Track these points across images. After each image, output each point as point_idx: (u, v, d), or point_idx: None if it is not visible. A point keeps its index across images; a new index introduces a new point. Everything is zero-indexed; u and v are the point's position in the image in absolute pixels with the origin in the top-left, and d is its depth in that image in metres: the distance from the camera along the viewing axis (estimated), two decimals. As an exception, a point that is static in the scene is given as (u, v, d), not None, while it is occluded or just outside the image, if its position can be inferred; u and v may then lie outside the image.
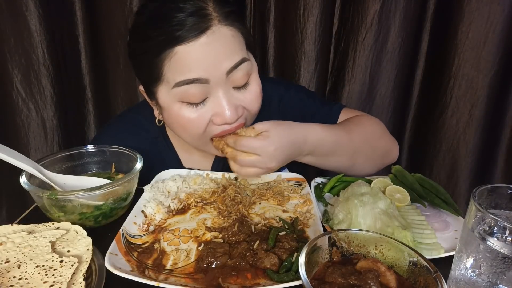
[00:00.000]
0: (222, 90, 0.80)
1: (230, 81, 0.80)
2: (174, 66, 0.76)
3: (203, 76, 0.76)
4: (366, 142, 0.92)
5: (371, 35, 1.43)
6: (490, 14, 1.35)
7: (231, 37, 0.78)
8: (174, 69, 0.76)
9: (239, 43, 0.80)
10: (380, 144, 0.96)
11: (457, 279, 0.55)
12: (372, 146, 0.94)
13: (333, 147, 0.87)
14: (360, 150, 0.90)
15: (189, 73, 0.76)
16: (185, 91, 0.78)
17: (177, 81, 0.77)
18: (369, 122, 0.98)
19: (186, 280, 0.60)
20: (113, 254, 0.63)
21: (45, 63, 1.35)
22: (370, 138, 0.94)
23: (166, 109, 0.84)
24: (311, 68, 1.47)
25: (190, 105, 0.80)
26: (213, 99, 0.80)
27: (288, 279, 0.58)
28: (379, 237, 0.57)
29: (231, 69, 0.78)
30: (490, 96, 1.46)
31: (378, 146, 0.95)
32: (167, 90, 0.80)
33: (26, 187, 0.72)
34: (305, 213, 0.79)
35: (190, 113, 0.81)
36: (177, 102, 0.81)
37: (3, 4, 1.28)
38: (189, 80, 0.76)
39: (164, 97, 0.82)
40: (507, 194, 0.56)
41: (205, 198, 0.86)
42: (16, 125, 1.42)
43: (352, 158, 0.89)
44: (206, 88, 0.78)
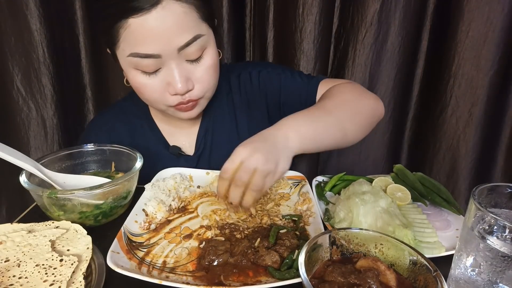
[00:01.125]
0: (174, 63, 0.83)
1: (183, 55, 0.83)
2: (128, 38, 0.79)
3: (154, 52, 0.79)
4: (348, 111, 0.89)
5: (371, 34, 1.43)
6: (490, 13, 1.35)
7: (182, 14, 0.79)
8: (128, 40, 0.79)
9: (192, 19, 0.81)
10: (363, 106, 0.93)
11: (457, 278, 0.55)
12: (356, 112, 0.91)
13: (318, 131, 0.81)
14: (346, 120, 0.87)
15: (142, 47, 0.79)
16: (138, 62, 0.81)
17: (131, 52, 0.80)
18: (344, 89, 0.96)
19: (187, 278, 0.60)
20: (115, 252, 0.63)
21: (45, 62, 1.35)
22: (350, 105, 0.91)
23: (125, 72, 0.88)
24: (310, 67, 1.47)
25: (144, 73, 0.84)
26: (166, 69, 0.84)
27: (289, 277, 0.58)
28: (379, 236, 0.57)
29: (182, 46, 0.81)
30: (490, 95, 1.46)
31: (361, 109, 0.93)
32: (123, 56, 0.83)
33: (26, 186, 0.72)
34: (305, 211, 0.80)
35: (145, 80, 0.85)
36: (133, 69, 0.84)
37: (3, 3, 1.28)
38: (142, 55, 0.80)
39: (122, 61, 0.86)
40: (506, 193, 0.56)
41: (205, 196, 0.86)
42: (16, 124, 1.42)
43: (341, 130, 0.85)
44: (159, 61, 0.81)
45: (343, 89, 0.96)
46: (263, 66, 1.08)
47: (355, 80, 1.51)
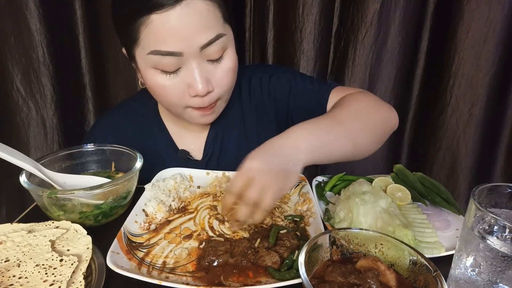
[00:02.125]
0: (195, 62, 0.81)
1: (204, 54, 0.81)
2: (150, 35, 0.77)
3: (176, 50, 0.78)
4: (360, 123, 0.86)
5: (371, 34, 1.43)
6: (489, 13, 1.36)
7: (206, 11, 0.78)
8: (149, 37, 0.78)
9: (215, 18, 0.80)
10: (376, 117, 0.90)
11: (457, 278, 0.55)
12: (368, 123, 0.87)
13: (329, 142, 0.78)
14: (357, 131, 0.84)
15: (164, 45, 0.77)
16: (159, 60, 0.80)
17: (152, 49, 0.78)
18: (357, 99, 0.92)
19: (187, 279, 0.60)
20: (115, 253, 0.63)
21: (45, 62, 1.35)
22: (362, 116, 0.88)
23: (143, 72, 0.86)
24: (310, 67, 1.47)
25: (164, 73, 0.82)
26: (186, 69, 0.82)
27: (289, 277, 0.58)
28: (379, 236, 0.57)
29: (205, 45, 0.79)
30: (490, 95, 1.46)
31: (374, 120, 0.89)
32: (143, 55, 0.81)
33: (26, 186, 0.72)
34: (306, 211, 0.80)
35: (164, 80, 0.83)
36: (152, 68, 0.82)
37: (3, 3, 1.28)
38: (164, 52, 0.78)
39: (140, 61, 0.84)
40: (506, 193, 0.56)
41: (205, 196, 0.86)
42: (16, 124, 1.42)
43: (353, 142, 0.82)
44: (180, 59, 0.80)
45: (356, 98, 0.93)
46: (274, 71, 1.06)
47: (355, 80, 1.51)
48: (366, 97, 0.94)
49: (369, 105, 0.92)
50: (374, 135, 0.88)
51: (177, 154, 1.02)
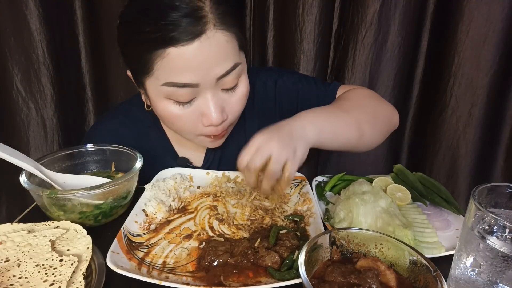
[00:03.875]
0: (210, 93, 0.80)
1: (220, 84, 0.80)
2: (165, 66, 0.75)
3: (193, 82, 0.76)
4: (366, 113, 0.88)
5: (371, 34, 1.43)
6: (490, 13, 1.35)
7: (225, 42, 0.77)
8: (164, 69, 0.76)
9: (233, 48, 0.79)
10: (380, 110, 0.92)
11: (457, 278, 0.55)
12: (373, 114, 0.90)
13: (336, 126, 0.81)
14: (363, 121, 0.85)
15: (180, 77, 0.76)
16: (174, 92, 0.78)
17: (167, 81, 0.77)
18: (362, 93, 0.96)
19: (187, 279, 0.60)
20: (115, 253, 0.63)
21: (45, 62, 1.35)
22: (367, 107, 0.91)
23: (153, 101, 0.84)
24: (310, 67, 1.47)
25: (177, 103, 0.81)
26: (201, 99, 0.81)
27: (289, 277, 0.58)
28: (379, 236, 0.57)
29: (222, 75, 0.78)
30: (490, 95, 1.46)
31: (378, 113, 0.92)
32: (156, 85, 0.79)
33: (26, 186, 0.72)
34: (306, 211, 0.80)
35: (177, 110, 0.82)
36: (165, 99, 0.81)
37: (3, 3, 1.28)
38: (180, 84, 0.76)
39: (152, 90, 0.82)
40: (506, 193, 0.56)
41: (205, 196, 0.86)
42: (16, 124, 1.42)
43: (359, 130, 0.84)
44: (195, 90, 0.79)
45: (361, 92, 0.95)
46: (278, 75, 1.06)
47: (355, 80, 1.51)
48: (371, 93, 0.96)
49: (373, 99, 0.94)
50: (378, 128, 0.91)
51: (176, 162, 1.01)
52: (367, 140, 0.88)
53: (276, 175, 0.68)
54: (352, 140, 0.84)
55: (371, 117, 0.89)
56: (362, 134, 0.84)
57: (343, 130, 0.81)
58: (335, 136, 0.80)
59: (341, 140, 0.82)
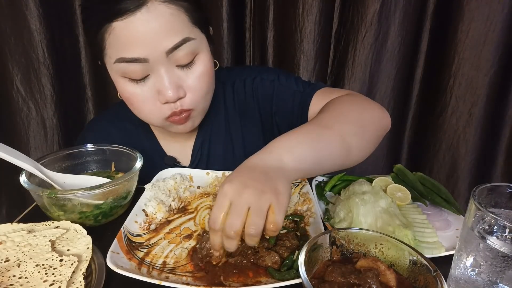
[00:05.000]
0: (163, 69, 0.79)
1: (173, 60, 0.80)
2: (113, 42, 0.77)
3: (141, 56, 0.76)
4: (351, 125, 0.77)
5: (371, 34, 1.43)
6: (490, 13, 1.36)
7: (169, 15, 0.76)
8: (113, 45, 0.77)
9: (181, 22, 0.78)
10: (366, 117, 0.83)
11: (457, 278, 0.55)
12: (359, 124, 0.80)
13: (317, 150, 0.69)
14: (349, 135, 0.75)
15: (127, 52, 0.76)
16: (125, 68, 0.78)
17: (117, 57, 0.77)
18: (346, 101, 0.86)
19: (187, 279, 0.60)
20: (115, 253, 0.63)
21: (45, 62, 1.36)
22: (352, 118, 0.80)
23: (114, 82, 0.85)
24: (310, 67, 1.47)
25: (132, 81, 0.81)
26: (155, 76, 0.81)
27: (289, 277, 0.58)
28: (379, 236, 0.57)
29: (170, 49, 0.78)
30: (490, 95, 1.46)
31: (364, 121, 0.82)
32: (110, 64, 0.80)
33: (26, 186, 0.72)
34: (306, 211, 0.80)
35: (133, 89, 0.82)
36: (120, 77, 0.82)
37: (3, 3, 1.28)
38: (128, 59, 0.77)
39: (109, 70, 0.83)
40: (506, 193, 0.56)
41: (205, 196, 0.86)
42: (16, 124, 1.42)
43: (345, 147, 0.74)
44: (147, 66, 0.78)
45: (343, 100, 0.86)
46: (258, 72, 1.02)
47: (355, 80, 1.51)
48: (354, 98, 0.88)
49: (357, 105, 0.85)
50: (367, 137, 0.81)
51: (164, 161, 1.01)
52: (356, 154, 0.78)
53: (259, 228, 0.55)
54: (339, 161, 0.74)
55: (357, 127, 0.79)
56: (348, 150, 0.75)
57: (327, 153, 0.70)
58: (318, 162, 0.68)
59: (327, 165, 0.72)
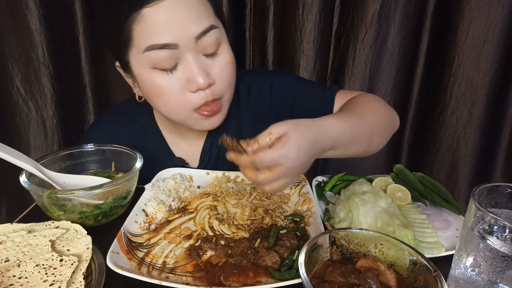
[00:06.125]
0: (192, 56, 0.80)
1: (200, 47, 0.81)
2: (143, 30, 0.77)
3: (172, 41, 0.77)
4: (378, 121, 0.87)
5: (371, 34, 1.43)
6: (490, 13, 1.36)
7: (197, 2, 0.79)
8: (142, 33, 0.77)
9: (206, 9, 0.81)
10: (387, 118, 0.93)
11: (457, 278, 0.55)
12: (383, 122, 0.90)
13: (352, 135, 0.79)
14: (375, 130, 0.85)
15: (158, 38, 0.77)
16: (155, 56, 0.79)
17: (147, 45, 0.78)
18: (373, 99, 0.95)
19: (187, 279, 0.60)
20: (115, 253, 0.63)
21: (45, 62, 1.35)
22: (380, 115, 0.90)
23: (139, 77, 0.84)
24: (310, 67, 1.47)
25: (162, 72, 0.81)
26: (184, 64, 0.81)
27: (289, 277, 0.58)
28: (379, 236, 0.57)
29: (199, 34, 0.79)
30: (490, 95, 1.46)
31: (386, 121, 0.92)
32: (138, 55, 0.80)
33: (26, 186, 0.72)
34: (306, 211, 0.80)
35: (163, 79, 0.82)
36: (149, 69, 0.81)
37: (3, 3, 1.28)
38: (159, 45, 0.77)
39: (136, 64, 0.83)
40: (506, 193, 0.56)
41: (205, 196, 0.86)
42: (16, 124, 1.42)
43: (369, 140, 0.84)
44: (176, 53, 0.79)
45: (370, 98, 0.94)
46: (275, 77, 1.05)
47: (355, 80, 1.51)
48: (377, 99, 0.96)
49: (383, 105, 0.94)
50: (385, 135, 0.90)
51: (172, 162, 1.01)
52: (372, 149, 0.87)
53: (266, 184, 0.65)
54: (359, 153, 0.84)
55: (381, 126, 0.88)
56: (369, 145, 0.84)
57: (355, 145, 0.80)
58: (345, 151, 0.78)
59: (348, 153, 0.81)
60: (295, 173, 0.68)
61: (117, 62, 0.90)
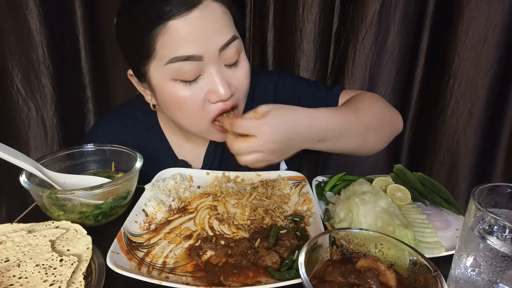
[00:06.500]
0: (215, 67, 0.80)
1: (223, 58, 0.81)
2: (168, 42, 0.76)
3: (197, 53, 0.77)
4: (373, 118, 0.89)
5: (371, 34, 1.43)
6: (490, 13, 1.36)
7: (221, 13, 0.79)
8: (167, 44, 0.76)
9: (229, 21, 0.81)
10: (386, 117, 0.94)
11: (457, 278, 0.55)
12: (380, 121, 0.91)
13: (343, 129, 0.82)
14: (370, 127, 0.87)
15: (183, 49, 0.76)
16: (179, 68, 0.78)
17: (171, 57, 0.77)
18: (372, 97, 0.96)
19: (187, 279, 0.60)
20: (115, 253, 0.63)
21: (45, 62, 1.36)
22: (376, 113, 0.91)
23: (158, 89, 0.83)
24: (310, 67, 1.47)
25: (184, 83, 0.80)
26: (206, 76, 0.81)
27: (289, 277, 0.58)
28: (379, 236, 0.57)
29: (223, 46, 0.79)
30: (489, 95, 1.46)
31: (384, 120, 0.93)
32: (160, 67, 0.79)
33: (26, 186, 0.72)
34: (306, 211, 0.80)
35: (184, 91, 0.81)
36: (170, 81, 0.80)
37: (3, 3, 1.28)
38: (184, 57, 0.77)
39: (156, 76, 0.82)
40: (506, 193, 0.56)
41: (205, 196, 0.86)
42: (16, 124, 1.42)
43: (363, 136, 0.86)
44: (200, 65, 0.79)
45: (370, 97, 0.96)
46: (279, 78, 1.06)
47: (355, 80, 1.51)
48: (378, 98, 0.97)
49: (383, 104, 0.95)
50: (382, 135, 0.92)
51: (176, 164, 1.00)
52: (369, 147, 0.90)
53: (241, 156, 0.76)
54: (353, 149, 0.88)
55: (378, 124, 0.90)
56: (364, 142, 0.86)
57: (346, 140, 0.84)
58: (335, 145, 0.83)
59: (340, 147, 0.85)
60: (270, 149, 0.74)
61: (130, 71, 0.89)
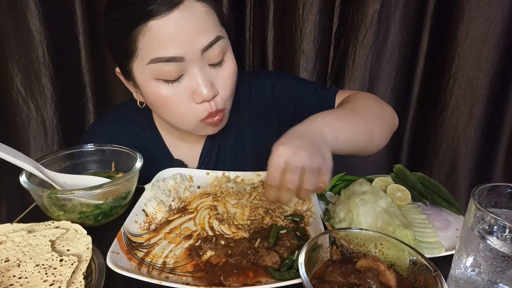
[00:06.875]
0: (197, 67, 0.79)
1: (206, 58, 0.80)
2: (149, 42, 0.76)
3: (178, 54, 0.76)
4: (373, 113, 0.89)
5: (371, 34, 1.43)
6: (490, 13, 1.35)
7: (204, 13, 0.78)
8: (148, 45, 0.76)
9: (213, 20, 0.80)
10: (383, 111, 0.94)
11: (457, 278, 0.55)
12: (379, 115, 0.91)
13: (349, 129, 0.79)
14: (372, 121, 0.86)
15: (164, 51, 0.76)
16: (161, 68, 0.77)
17: (152, 57, 0.76)
18: (366, 96, 0.97)
19: (187, 278, 0.60)
20: (115, 253, 0.63)
21: (45, 62, 1.35)
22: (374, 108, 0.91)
23: (143, 87, 0.83)
24: (310, 67, 1.47)
25: (166, 83, 0.80)
26: (189, 76, 0.80)
27: (289, 277, 0.58)
28: (379, 236, 0.57)
29: (206, 47, 0.78)
30: (490, 95, 1.46)
31: (384, 115, 0.93)
32: (142, 67, 0.79)
33: (26, 186, 0.72)
34: (306, 211, 0.80)
35: (167, 91, 0.81)
36: (153, 80, 0.80)
37: (3, 3, 1.28)
38: (164, 59, 0.76)
39: (139, 74, 0.81)
40: (506, 193, 0.56)
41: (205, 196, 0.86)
42: (16, 124, 1.42)
43: (369, 131, 0.84)
44: (181, 65, 0.78)
45: (364, 94, 0.96)
46: (276, 79, 1.05)
47: (355, 80, 1.51)
48: (372, 96, 0.97)
49: (378, 101, 0.95)
50: (385, 128, 0.91)
51: (171, 164, 1.01)
52: (377, 141, 0.87)
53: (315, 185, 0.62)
54: (363, 143, 0.84)
55: (379, 117, 0.89)
56: (372, 136, 0.84)
57: (356, 133, 0.80)
58: (349, 139, 0.78)
59: (355, 143, 0.81)
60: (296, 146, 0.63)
61: (118, 68, 0.89)
